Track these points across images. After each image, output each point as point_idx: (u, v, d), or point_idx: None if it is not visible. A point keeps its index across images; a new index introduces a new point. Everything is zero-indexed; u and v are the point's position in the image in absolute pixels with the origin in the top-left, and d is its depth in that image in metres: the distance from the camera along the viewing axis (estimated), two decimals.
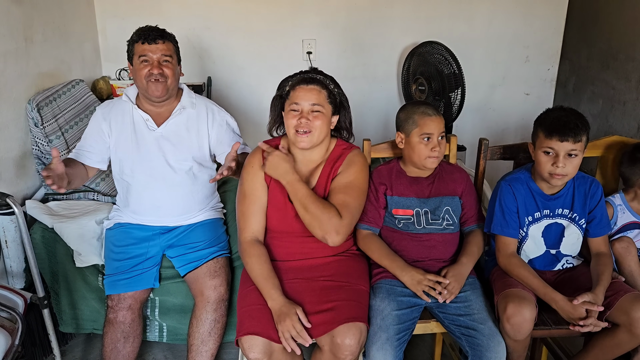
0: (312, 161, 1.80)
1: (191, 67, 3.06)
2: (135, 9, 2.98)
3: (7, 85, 2.13)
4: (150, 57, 1.92)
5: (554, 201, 1.81)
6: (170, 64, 1.95)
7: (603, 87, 3.53)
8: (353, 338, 1.56)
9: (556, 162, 1.68)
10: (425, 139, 1.79)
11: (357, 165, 1.78)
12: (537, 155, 1.75)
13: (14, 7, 2.18)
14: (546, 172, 1.72)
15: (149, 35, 1.92)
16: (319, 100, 1.71)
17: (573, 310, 1.62)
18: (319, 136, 1.73)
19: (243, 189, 1.78)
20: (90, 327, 2.20)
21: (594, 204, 1.81)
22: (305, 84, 1.72)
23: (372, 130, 3.27)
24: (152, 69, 1.92)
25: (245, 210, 1.77)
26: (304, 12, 3.08)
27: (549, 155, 1.70)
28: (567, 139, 1.67)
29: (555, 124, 1.70)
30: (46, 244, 2.11)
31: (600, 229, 1.81)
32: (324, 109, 1.71)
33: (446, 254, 1.84)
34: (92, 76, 2.92)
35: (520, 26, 3.20)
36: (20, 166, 2.23)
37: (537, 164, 1.76)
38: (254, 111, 3.14)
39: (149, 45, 1.92)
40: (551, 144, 1.69)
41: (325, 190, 1.77)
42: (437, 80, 2.76)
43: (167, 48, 1.95)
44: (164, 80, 1.94)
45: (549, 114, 1.76)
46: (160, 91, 1.95)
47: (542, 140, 1.72)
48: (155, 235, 2.04)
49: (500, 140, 3.23)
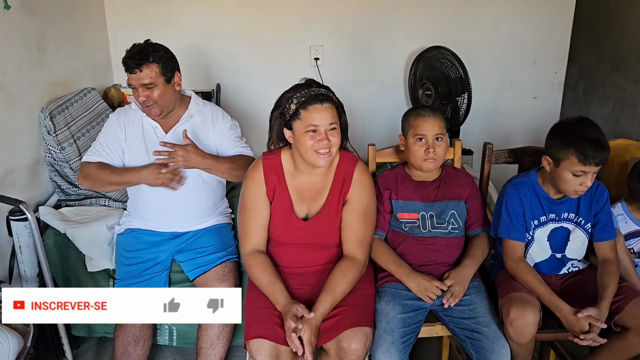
0: (319, 175, 1.77)
1: (200, 75, 3.10)
2: (145, 18, 3.03)
3: (21, 94, 2.18)
4: (136, 83, 1.95)
5: (560, 205, 1.80)
6: (154, 89, 1.95)
7: (613, 89, 3.50)
8: (359, 342, 1.57)
9: (584, 182, 1.67)
10: (419, 139, 1.81)
11: (368, 187, 1.78)
12: (562, 174, 1.69)
13: (27, 18, 2.24)
14: (572, 190, 1.71)
15: (128, 65, 1.93)
16: (334, 118, 1.67)
17: (576, 322, 1.61)
18: (336, 152, 1.72)
19: (244, 203, 1.78)
20: (102, 331, 2.24)
21: (599, 207, 1.80)
22: (319, 103, 1.64)
23: (379, 135, 3.28)
24: (137, 97, 1.96)
25: (246, 224, 1.77)
26: (311, 19, 3.11)
27: (578, 178, 1.68)
28: (598, 165, 1.66)
29: (594, 151, 1.64)
30: (59, 249, 2.16)
31: (605, 234, 1.80)
32: (337, 125, 1.68)
33: (451, 257, 1.84)
34: (103, 84, 2.97)
35: (527, 29, 3.20)
36: (34, 173, 2.28)
37: (559, 181, 1.72)
38: (262, 117, 3.15)
39: (131, 75, 1.94)
40: (585, 169, 1.65)
41: (336, 211, 1.76)
42: (443, 84, 2.77)
43: (147, 74, 1.92)
44: (153, 103, 1.97)
45: (583, 134, 1.67)
46: (154, 114, 2.00)
47: (574, 163, 1.66)
48: (165, 241, 2.08)
49: (508, 144, 3.22)
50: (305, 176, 1.77)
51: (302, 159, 1.70)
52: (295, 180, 1.77)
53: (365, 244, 1.77)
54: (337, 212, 1.76)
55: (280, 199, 1.76)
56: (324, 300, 1.64)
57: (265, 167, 1.77)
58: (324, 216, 1.76)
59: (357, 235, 1.75)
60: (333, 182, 1.77)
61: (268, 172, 1.76)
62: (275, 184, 1.76)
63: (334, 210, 1.76)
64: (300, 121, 1.65)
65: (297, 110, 1.65)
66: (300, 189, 1.77)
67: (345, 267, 1.71)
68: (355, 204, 1.76)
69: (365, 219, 1.76)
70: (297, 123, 1.66)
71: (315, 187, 1.77)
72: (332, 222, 1.77)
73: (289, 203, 1.76)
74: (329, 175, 1.77)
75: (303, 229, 1.75)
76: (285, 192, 1.76)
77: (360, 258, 1.74)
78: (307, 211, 1.78)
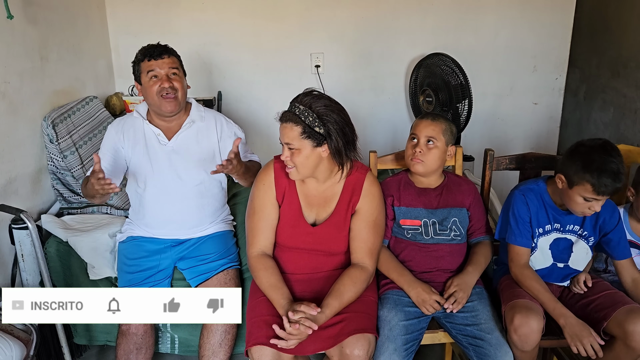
0: (328, 182, 1.77)
1: (202, 82, 3.11)
2: (147, 27, 3.05)
3: (24, 103, 2.19)
4: (159, 72, 1.96)
5: (566, 217, 1.80)
6: (178, 77, 1.99)
7: (614, 95, 3.50)
8: (362, 349, 1.57)
9: (593, 207, 1.67)
10: (412, 138, 1.83)
11: (377, 198, 1.79)
12: (574, 196, 1.68)
13: (30, 27, 2.25)
14: (579, 211, 1.71)
15: (154, 52, 1.97)
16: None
17: (579, 331, 1.60)
18: (303, 171, 1.69)
19: (253, 205, 1.79)
20: (104, 339, 2.23)
21: (612, 225, 1.79)
22: (281, 122, 1.67)
23: (381, 141, 3.29)
24: (162, 84, 1.96)
25: (254, 226, 1.78)
26: (312, 27, 3.13)
27: (587, 203, 1.67)
28: (613, 194, 1.66)
29: (610, 180, 1.61)
30: (61, 257, 2.16)
31: (621, 251, 1.79)
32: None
33: (454, 264, 1.84)
34: (105, 92, 2.99)
35: (527, 36, 3.21)
36: (36, 181, 2.29)
37: (569, 200, 1.71)
38: (263, 124, 3.18)
39: (155, 61, 1.96)
40: (597, 197, 1.65)
41: (345, 219, 1.77)
42: (444, 91, 2.78)
43: (172, 62, 1.99)
44: (175, 93, 1.98)
45: (594, 159, 1.63)
46: (173, 107, 1.99)
47: (587, 190, 1.64)
48: (167, 248, 2.08)
49: (509, 150, 3.22)
50: (314, 182, 1.77)
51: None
52: (304, 186, 1.78)
53: (375, 254, 1.77)
54: (346, 220, 1.77)
55: (290, 203, 1.77)
56: (332, 304, 1.64)
57: (277, 170, 1.78)
58: (332, 224, 1.76)
59: (367, 245, 1.75)
60: (343, 190, 1.78)
61: (279, 175, 1.77)
62: (285, 188, 1.77)
63: (342, 219, 1.77)
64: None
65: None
66: (309, 195, 1.78)
67: (355, 276, 1.71)
68: (365, 215, 1.76)
69: (375, 229, 1.77)
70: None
71: (324, 194, 1.78)
72: (340, 230, 1.77)
73: (298, 207, 1.77)
74: (339, 184, 1.78)
75: (311, 235, 1.76)
76: (294, 197, 1.77)
77: (370, 268, 1.75)
78: (315, 217, 1.79)
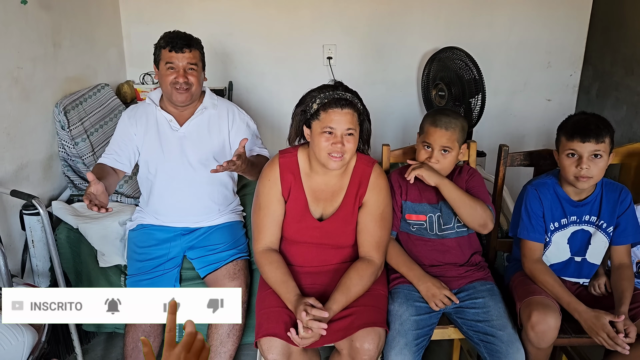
0: (335, 176, 1.77)
1: (213, 72, 3.08)
2: (159, 15, 3.03)
3: (36, 89, 2.19)
4: (177, 64, 1.96)
5: (582, 207, 1.78)
6: (195, 72, 1.98)
7: (627, 93, 3.46)
8: (372, 343, 1.57)
9: (580, 164, 1.66)
10: (426, 147, 1.80)
11: (384, 191, 1.78)
12: (561, 160, 1.74)
13: (43, 13, 2.24)
14: (571, 176, 1.70)
15: (176, 44, 1.95)
16: (353, 124, 1.66)
17: (596, 321, 1.59)
18: (350, 158, 1.70)
19: (258, 201, 1.78)
20: (112, 327, 2.24)
21: (621, 210, 1.78)
22: (340, 108, 1.64)
23: (392, 135, 3.27)
24: (177, 77, 1.96)
25: (260, 222, 1.77)
26: (325, 18, 3.10)
27: (572, 158, 1.69)
28: (588, 140, 1.65)
29: (576, 125, 1.70)
30: (71, 244, 2.17)
31: (624, 237, 1.78)
32: (355, 132, 1.68)
33: (463, 257, 1.83)
34: (116, 80, 2.98)
35: (542, 32, 3.17)
36: (48, 168, 2.29)
37: (562, 169, 1.75)
38: (274, 116, 3.17)
39: (175, 54, 1.95)
40: (573, 146, 1.68)
41: (352, 213, 1.76)
42: (457, 85, 2.75)
43: (193, 56, 1.98)
44: (189, 87, 1.97)
45: (571, 118, 1.77)
46: (184, 98, 1.99)
47: (564, 144, 1.71)
48: (177, 237, 2.08)
49: (521, 146, 3.20)
50: (320, 177, 1.76)
51: (316, 159, 1.71)
52: (310, 181, 1.76)
53: (382, 247, 1.76)
54: (353, 214, 1.76)
55: (296, 198, 1.76)
56: (338, 299, 1.63)
57: (282, 165, 1.76)
58: (339, 218, 1.75)
59: (374, 238, 1.74)
60: (349, 184, 1.76)
61: (284, 171, 1.76)
62: (290, 183, 1.75)
63: (349, 213, 1.76)
64: (318, 121, 1.67)
65: (318, 110, 1.66)
66: (316, 190, 1.77)
67: (362, 269, 1.70)
68: (371, 208, 1.75)
69: (382, 222, 1.76)
70: (316, 123, 1.68)
71: (331, 188, 1.77)
72: (347, 224, 1.76)
73: (304, 202, 1.75)
74: (345, 178, 1.77)
75: (318, 229, 1.75)
76: (300, 192, 1.76)
77: (377, 261, 1.74)
78: (322, 212, 1.78)
